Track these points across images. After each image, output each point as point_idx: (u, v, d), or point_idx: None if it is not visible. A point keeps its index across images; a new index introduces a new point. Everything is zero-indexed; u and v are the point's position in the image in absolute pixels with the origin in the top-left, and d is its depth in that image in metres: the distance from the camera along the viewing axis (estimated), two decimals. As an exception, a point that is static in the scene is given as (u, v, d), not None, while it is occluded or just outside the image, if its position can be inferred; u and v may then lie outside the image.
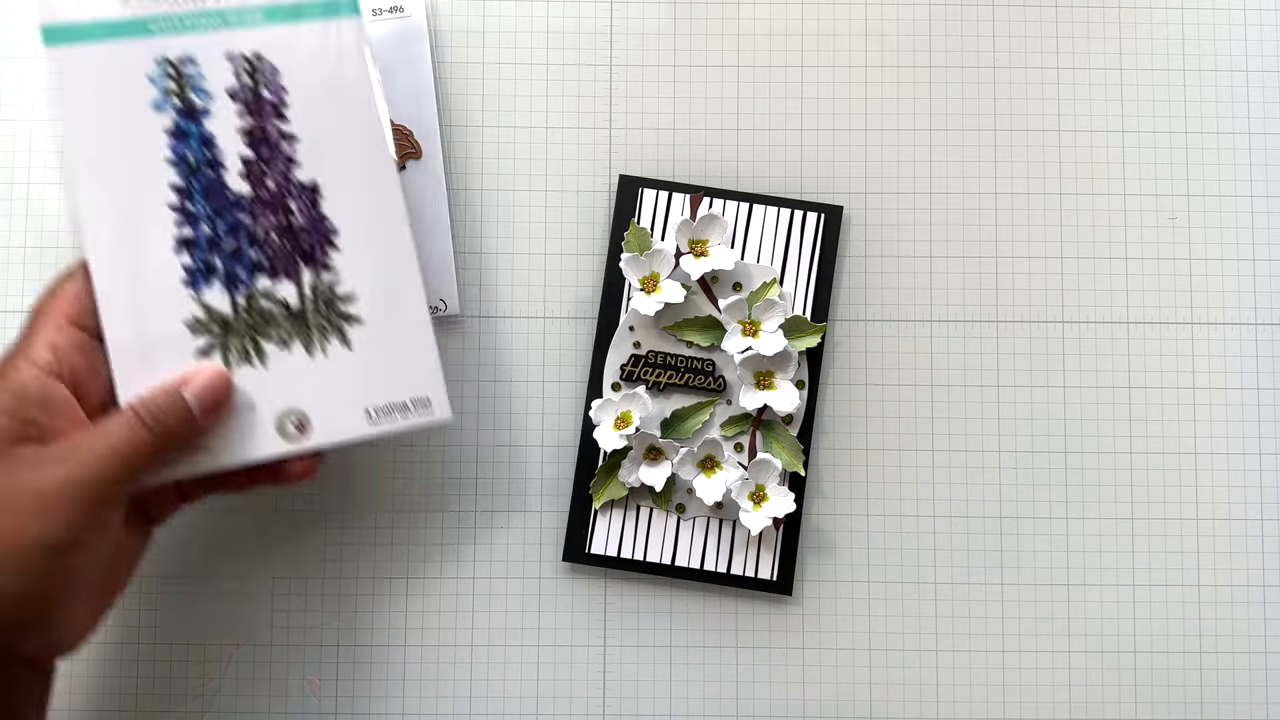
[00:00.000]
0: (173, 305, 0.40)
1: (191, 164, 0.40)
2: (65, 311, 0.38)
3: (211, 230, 0.40)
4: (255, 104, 0.41)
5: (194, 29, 0.41)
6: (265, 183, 0.41)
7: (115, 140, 0.40)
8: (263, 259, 0.41)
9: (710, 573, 0.46)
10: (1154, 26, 0.49)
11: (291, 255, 0.41)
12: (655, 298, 0.45)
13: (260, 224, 0.41)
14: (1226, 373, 0.48)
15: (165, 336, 0.40)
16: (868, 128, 0.48)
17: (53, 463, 0.35)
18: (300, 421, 0.40)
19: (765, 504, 0.45)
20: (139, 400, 0.38)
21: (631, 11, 0.48)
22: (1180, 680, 0.47)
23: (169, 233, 0.40)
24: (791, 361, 0.45)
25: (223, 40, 0.41)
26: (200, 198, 0.40)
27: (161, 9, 0.41)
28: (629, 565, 0.46)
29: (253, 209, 0.41)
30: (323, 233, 0.41)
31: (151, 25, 0.41)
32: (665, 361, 0.46)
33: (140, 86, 0.40)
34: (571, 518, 0.46)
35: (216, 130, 0.41)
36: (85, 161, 0.40)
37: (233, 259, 0.41)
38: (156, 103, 0.40)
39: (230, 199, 0.41)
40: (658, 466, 0.45)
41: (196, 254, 0.40)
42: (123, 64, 0.40)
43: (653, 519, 0.46)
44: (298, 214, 0.41)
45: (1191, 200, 0.48)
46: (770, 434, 0.46)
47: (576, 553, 0.46)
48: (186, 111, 0.41)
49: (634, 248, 0.46)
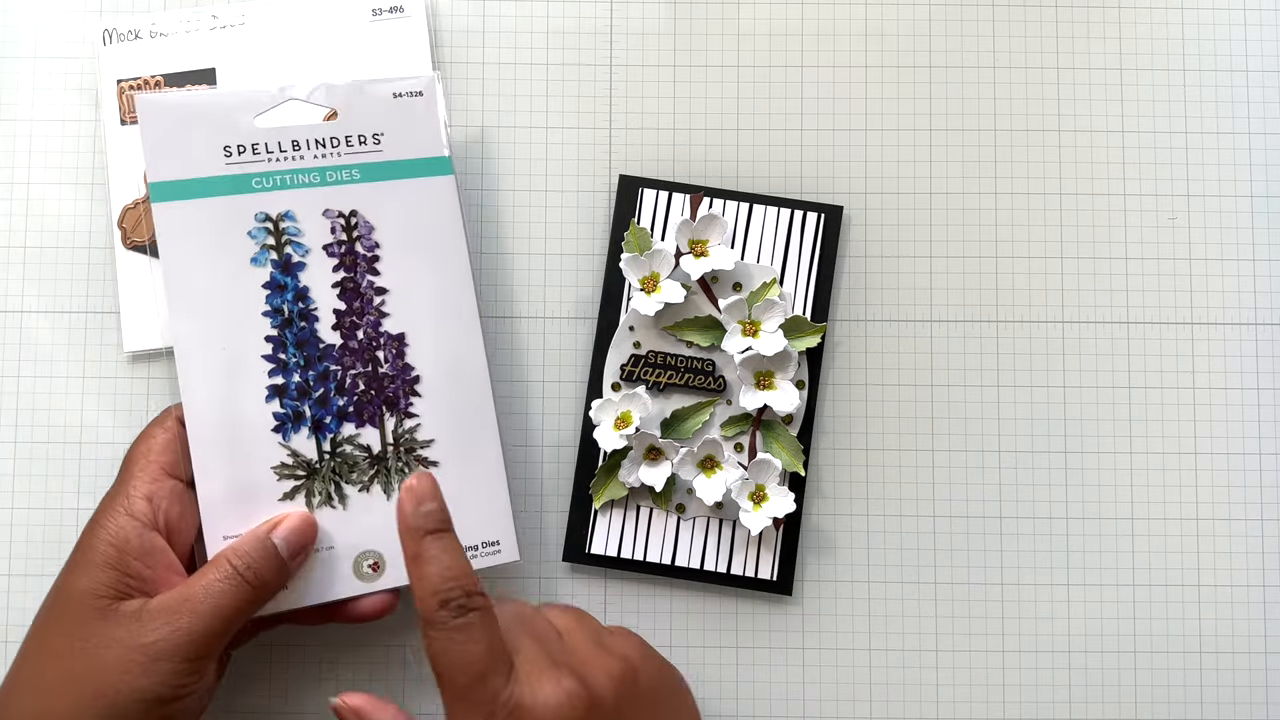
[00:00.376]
0: (262, 451, 0.41)
1: (286, 316, 0.42)
2: (159, 462, 0.40)
3: (302, 379, 0.42)
4: (350, 258, 0.43)
5: (293, 186, 0.42)
6: (356, 334, 0.43)
7: (215, 292, 0.42)
8: (349, 406, 0.42)
9: (710, 573, 0.46)
10: (1154, 26, 0.49)
11: (376, 402, 0.43)
12: (655, 298, 0.45)
13: (348, 373, 0.43)
14: (1226, 373, 0.48)
15: (254, 481, 0.41)
16: (868, 128, 0.48)
17: (158, 619, 0.37)
18: (376, 563, 0.42)
19: (765, 504, 0.45)
20: (233, 551, 0.39)
21: (631, 11, 0.48)
22: (1180, 680, 0.47)
23: (262, 382, 0.42)
24: (791, 361, 0.45)
25: (320, 197, 0.42)
26: (293, 348, 0.42)
27: (262, 167, 0.42)
28: (629, 565, 0.46)
29: (342, 358, 0.43)
30: (407, 380, 0.43)
31: (254, 182, 0.42)
32: (665, 361, 0.46)
33: (241, 241, 0.42)
34: (571, 518, 0.46)
35: (311, 283, 0.42)
36: (185, 311, 0.41)
37: (320, 406, 0.42)
38: (255, 257, 0.42)
39: (321, 348, 0.42)
40: (658, 466, 0.45)
41: (287, 402, 0.42)
42: (225, 219, 0.42)
43: (653, 519, 0.46)
44: (385, 363, 0.43)
45: (1191, 200, 0.48)
46: (770, 434, 0.46)
47: (576, 553, 0.46)
48: (283, 265, 0.42)
49: (634, 248, 0.46)
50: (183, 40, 0.47)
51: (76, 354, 0.47)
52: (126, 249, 0.46)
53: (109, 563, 0.38)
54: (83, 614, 0.37)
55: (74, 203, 0.47)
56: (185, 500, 0.40)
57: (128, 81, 0.46)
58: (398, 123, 0.43)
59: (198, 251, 0.41)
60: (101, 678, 0.36)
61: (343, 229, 0.43)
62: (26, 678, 0.37)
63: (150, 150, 0.41)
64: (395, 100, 0.43)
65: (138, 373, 0.47)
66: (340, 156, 0.43)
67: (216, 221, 0.42)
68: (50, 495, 0.46)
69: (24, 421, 0.46)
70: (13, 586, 0.46)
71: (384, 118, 0.43)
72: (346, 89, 0.43)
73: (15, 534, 0.46)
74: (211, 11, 0.47)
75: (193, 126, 0.42)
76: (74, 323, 0.47)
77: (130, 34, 0.47)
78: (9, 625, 0.46)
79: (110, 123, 0.46)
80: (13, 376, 0.46)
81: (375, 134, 0.43)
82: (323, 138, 0.43)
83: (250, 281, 0.42)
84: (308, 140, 0.42)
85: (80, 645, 0.37)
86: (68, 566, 0.39)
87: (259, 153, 0.42)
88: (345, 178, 0.43)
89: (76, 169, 0.47)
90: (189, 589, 0.38)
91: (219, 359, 0.41)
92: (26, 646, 0.38)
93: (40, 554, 0.46)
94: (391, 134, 0.43)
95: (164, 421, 0.41)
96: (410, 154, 0.43)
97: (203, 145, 0.42)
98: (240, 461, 0.41)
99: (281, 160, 0.42)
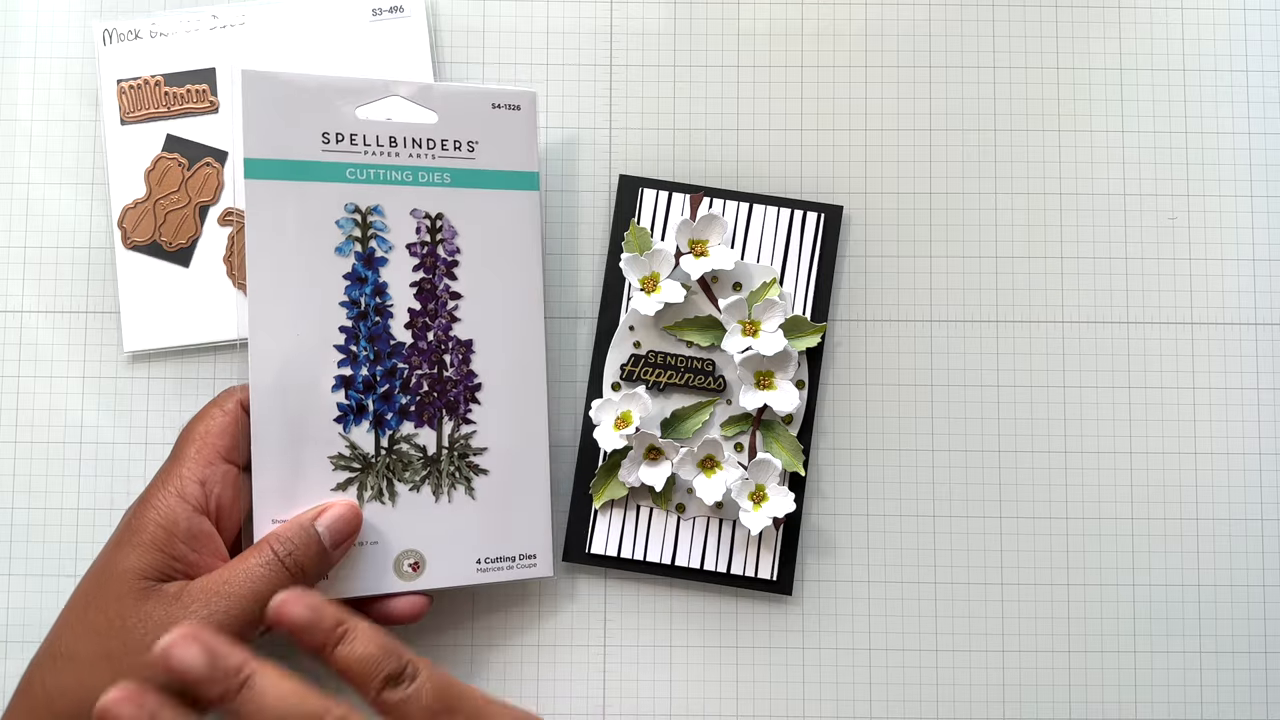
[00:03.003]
0: (323, 439, 0.41)
1: (362, 309, 0.42)
2: (216, 445, 0.40)
3: (370, 373, 0.42)
4: (430, 260, 0.43)
5: (385, 181, 0.43)
6: (426, 335, 0.43)
7: (296, 275, 0.41)
8: (411, 405, 0.43)
9: (710, 572, 0.46)
10: (1154, 26, 0.49)
11: (438, 404, 0.43)
12: (655, 298, 0.45)
13: (414, 372, 0.43)
14: (1226, 373, 0.48)
15: (310, 469, 0.41)
16: (868, 128, 0.48)
17: (197, 600, 0.37)
18: (416, 562, 0.42)
19: (765, 504, 0.45)
20: (276, 537, 0.39)
21: (631, 11, 0.48)
22: (1180, 680, 0.47)
23: (330, 371, 0.42)
24: (791, 361, 0.45)
25: (410, 196, 0.43)
26: (365, 341, 0.42)
27: (358, 158, 0.42)
28: (629, 565, 0.46)
29: (410, 357, 0.43)
30: (470, 386, 0.43)
31: (348, 172, 0.42)
32: (665, 361, 0.46)
33: (329, 228, 0.42)
34: (571, 517, 0.46)
35: (390, 279, 0.43)
36: (264, 292, 0.41)
37: (383, 402, 0.42)
38: (340, 246, 0.42)
39: (392, 345, 0.43)
40: (658, 466, 0.45)
41: (352, 394, 0.42)
42: (316, 205, 0.42)
43: (653, 519, 0.46)
44: (450, 367, 0.43)
45: (1191, 200, 0.48)
46: (770, 434, 0.46)
47: (576, 552, 0.46)
48: (366, 259, 0.42)
49: (634, 248, 0.46)
50: (183, 40, 0.47)
51: (76, 354, 0.47)
52: (126, 249, 0.46)
53: (156, 544, 0.38)
54: (124, 593, 0.37)
55: (74, 203, 0.47)
56: (238, 485, 0.40)
57: (127, 81, 0.46)
58: (493, 133, 0.44)
59: (284, 233, 0.41)
60: (137, 657, 0.36)
61: (427, 230, 0.43)
62: (63, 650, 0.37)
63: (249, 125, 0.41)
64: (493, 111, 0.44)
65: (138, 373, 0.47)
66: (434, 159, 0.43)
67: (307, 206, 0.41)
68: (50, 495, 0.46)
69: (24, 421, 0.46)
70: (13, 586, 0.46)
71: (481, 127, 0.44)
72: (448, 93, 0.43)
73: (15, 534, 0.46)
74: (211, 11, 0.47)
75: (295, 107, 0.41)
76: (74, 323, 0.47)
77: (130, 34, 0.47)
78: (9, 625, 0.46)
79: (110, 122, 0.46)
80: (13, 376, 0.46)
81: (470, 141, 0.44)
82: (420, 138, 0.43)
83: (332, 270, 0.42)
84: (405, 139, 0.43)
85: (119, 624, 0.37)
86: (114, 543, 0.39)
87: (356, 144, 0.42)
88: (436, 180, 0.43)
89: (76, 169, 0.47)
90: (229, 572, 0.38)
91: (292, 343, 0.41)
92: (65, 618, 0.38)
93: (40, 554, 0.46)
94: (486, 143, 0.44)
95: (224, 403, 0.41)
96: (501, 165, 0.44)
97: (303, 128, 0.41)
98: (299, 447, 0.41)
99: (378, 154, 0.42)
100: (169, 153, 0.47)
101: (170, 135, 0.47)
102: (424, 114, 0.43)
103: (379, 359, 0.42)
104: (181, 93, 0.47)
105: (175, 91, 0.47)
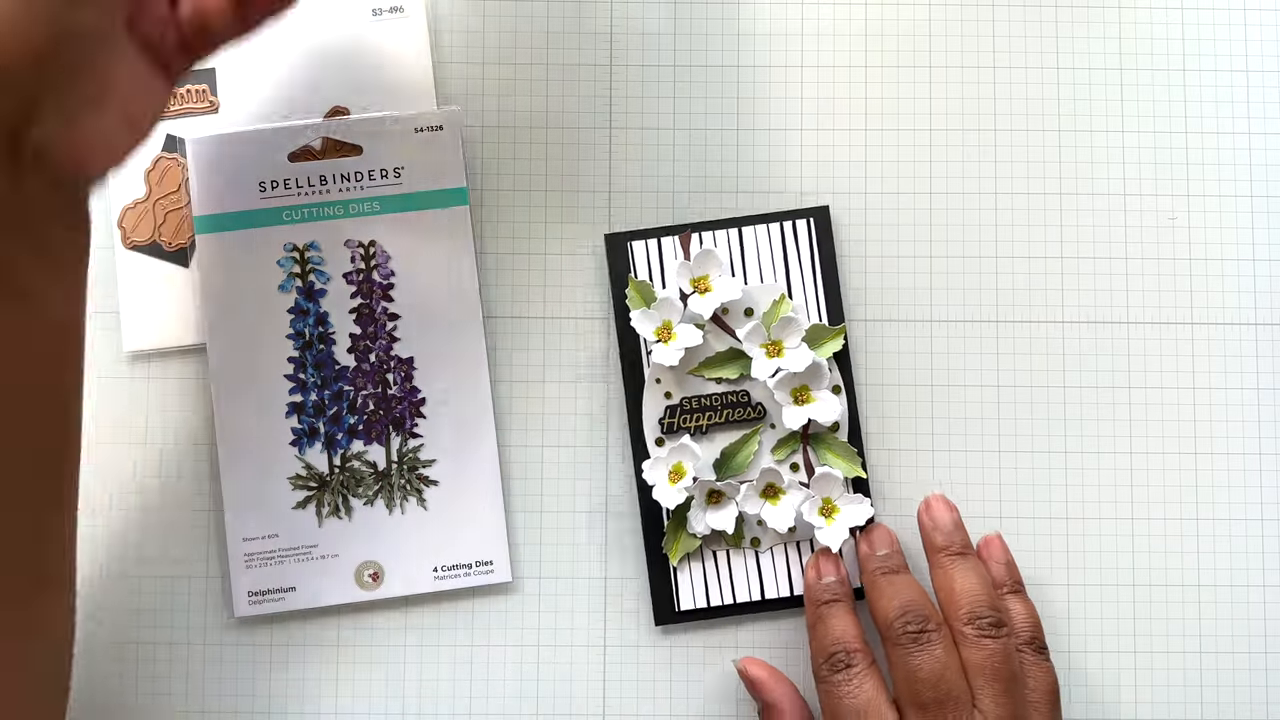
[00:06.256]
0: (281, 463, 0.45)
1: (307, 339, 0.45)
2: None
3: (318, 397, 0.45)
4: (366, 285, 0.46)
5: (319, 218, 0.46)
6: (368, 357, 0.46)
7: (247, 317, 0.45)
8: (359, 424, 0.45)
9: (799, 596, 0.45)
10: (1154, 26, 0.49)
11: (384, 422, 0.46)
12: (673, 345, 0.45)
13: (360, 393, 0.46)
14: (1226, 373, 0.48)
15: (272, 489, 0.45)
16: (867, 127, 0.48)
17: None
18: (376, 573, 0.45)
19: (838, 515, 0.44)
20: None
21: (631, 11, 0.48)
22: (1180, 680, 0.47)
23: (283, 400, 0.45)
24: (823, 371, 0.45)
25: (344, 228, 0.46)
26: (312, 368, 0.45)
27: (292, 200, 0.45)
28: (721, 612, 0.45)
29: (355, 379, 0.46)
30: (414, 402, 0.46)
31: (284, 214, 0.45)
32: (700, 405, 0.46)
33: (271, 269, 0.45)
34: (653, 581, 0.46)
35: (330, 309, 0.46)
36: (220, 334, 0.45)
37: (333, 423, 0.45)
38: (283, 284, 0.46)
39: (336, 370, 0.46)
40: (723, 509, 0.45)
41: (304, 419, 0.45)
42: (258, 249, 0.45)
43: (731, 560, 0.46)
44: (394, 385, 0.46)
45: (1191, 200, 0.48)
46: (821, 446, 0.46)
47: (666, 614, 0.46)
48: (307, 292, 0.46)
49: (639, 303, 0.46)
50: (183, 40, 0.47)
51: (76, 354, 0.47)
52: (126, 249, 0.46)
53: None
54: None
55: (74, 203, 0.47)
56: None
57: (128, 81, 0.46)
58: (419, 156, 0.46)
59: (233, 278, 0.45)
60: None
61: (361, 258, 0.46)
62: None
63: (197, 187, 0.45)
64: (417, 135, 0.46)
65: (138, 373, 0.47)
66: (363, 190, 0.45)
67: (250, 251, 0.45)
68: (50, 495, 0.46)
69: (24, 421, 0.46)
70: (13, 586, 0.46)
71: (405, 152, 0.46)
72: (370, 125, 0.45)
73: (15, 534, 0.46)
74: (211, 11, 0.47)
75: (235, 164, 0.45)
76: (74, 323, 0.47)
77: (130, 34, 0.47)
78: (9, 625, 0.46)
79: (110, 123, 0.46)
80: (13, 376, 0.46)
81: (397, 168, 0.45)
82: (347, 172, 0.45)
83: (277, 306, 0.45)
84: (334, 174, 0.45)
85: None
86: None
87: (290, 188, 0.45)
88: (367, 210, 0.45)
89: (76, 169, 0.47)
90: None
91: (248, 379, 0.45)
92: None
93: (40, 554, 0.46)
94: (411, 168, 0.46)
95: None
96: (429, 185, 0.46)
97: (242, 180, 0.45)
98: (262, 471, 0.45)
99: (309, 194, 0.45)
100: (169, 153, 0.47)
101: (170, 135, 0.47)
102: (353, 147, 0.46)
103: (326, 384, 0.45)
104: (181, 93, 0.47)
105: (175, 91, 0.47)
